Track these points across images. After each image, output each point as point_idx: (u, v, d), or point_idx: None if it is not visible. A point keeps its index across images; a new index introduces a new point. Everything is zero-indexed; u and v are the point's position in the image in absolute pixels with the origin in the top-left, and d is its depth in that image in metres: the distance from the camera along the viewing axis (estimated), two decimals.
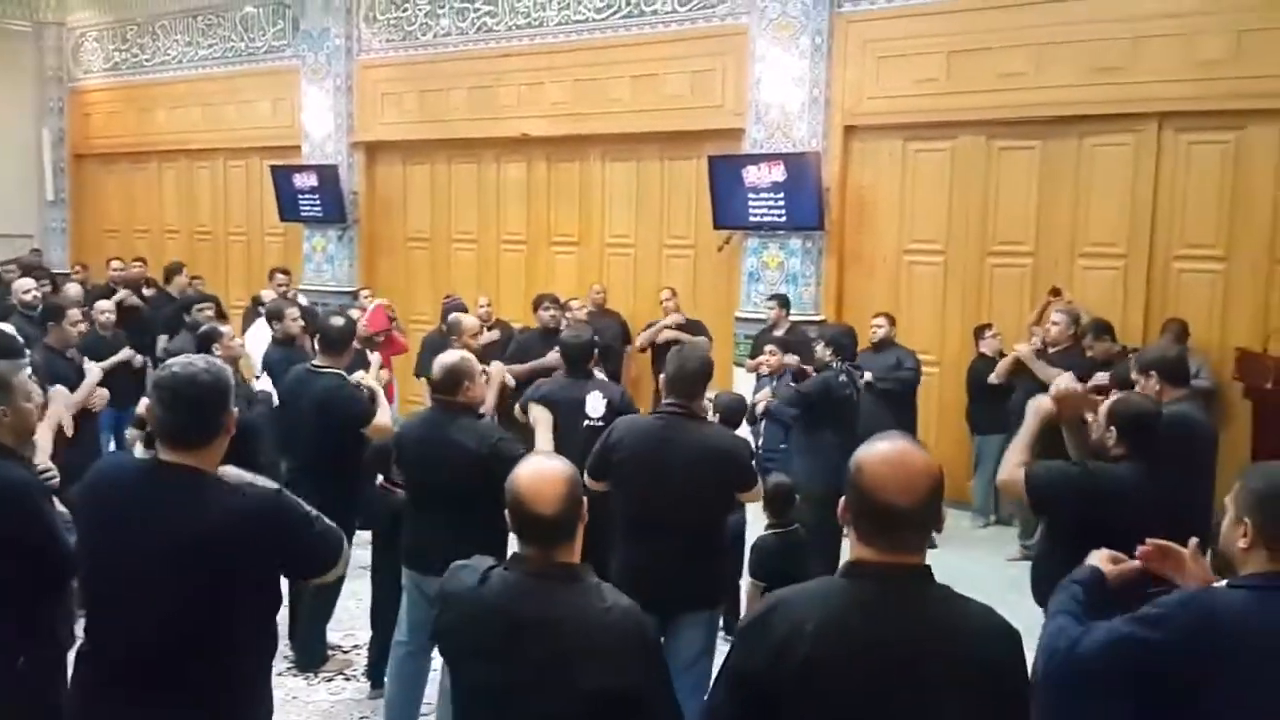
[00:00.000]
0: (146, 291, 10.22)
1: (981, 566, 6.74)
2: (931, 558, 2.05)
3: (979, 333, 7.76)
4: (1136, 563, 2.61)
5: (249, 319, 8.82)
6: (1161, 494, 3.47)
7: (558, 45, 9.92)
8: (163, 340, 8.19)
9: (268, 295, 9.22)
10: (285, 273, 10.19)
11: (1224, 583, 2.29)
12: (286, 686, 5.09)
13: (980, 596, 2.11)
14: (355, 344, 5.94)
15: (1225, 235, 7.27)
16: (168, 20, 13.10)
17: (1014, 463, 3.70)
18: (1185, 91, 7.19)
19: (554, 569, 2.30)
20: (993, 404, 7.43)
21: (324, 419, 5.00)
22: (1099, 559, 2.65)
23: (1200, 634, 2.18)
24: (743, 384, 8.07)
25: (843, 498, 2.06)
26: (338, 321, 5.34)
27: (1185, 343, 7.07)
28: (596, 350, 5.47)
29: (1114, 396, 3.91)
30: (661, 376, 4.14)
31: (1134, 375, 4.38)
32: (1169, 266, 7.49)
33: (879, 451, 2.02)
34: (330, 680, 5.20)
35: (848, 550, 2.09)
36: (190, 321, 7.52)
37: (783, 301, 8.16)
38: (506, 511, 2.33)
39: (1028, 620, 4.16)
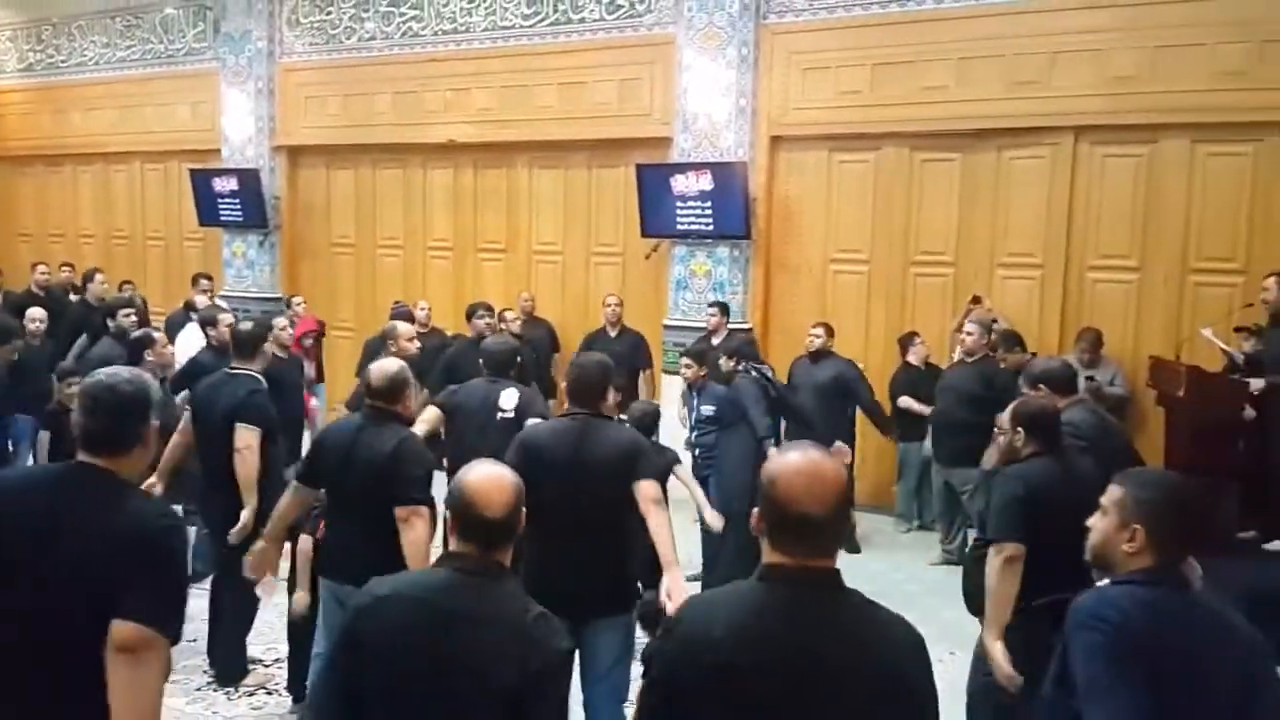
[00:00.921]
0: (72, 298, 10.02)
1: (903, 572, 6.84)
2: (855, 562, 2.10)
3: (906, 341, 7.87)
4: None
5: (177, 324, 8.62)
6: (1074, 483, 3.61)
7: (485, 51, 9.87)
8: (81, 342, 8.00)
9: (201, 301, 9.06)
10: (209, 278, 9.98)
11: (1106, 581, 2.39)
12: (206, 700, 5.02)
13: (901, 601, 2.13)
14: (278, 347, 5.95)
15: (1139, 246, 7.48)
16: (84, 21, 12.78)
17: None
18: (1100, 106, 7.38)
19: (489, 566, 2.36)
20: (916, 412, 7.58)
21: (231, 424, 4.96)
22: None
23: (1121, 623, 2.29)
24: (671, 391, 8.15)
25: (755, 509, 2.09)
26: (246, 325, 5.31)
27: (1100, 351, 7.28)
28: (519, 360, 5.55)
29: (1014, 402, 4.06)
30: (563, 385, 4.15)
31: (1024, 389, 4.58)
32: (1084, 276, 7.68)
33: (792, 464, 2.06)
34: (252, 694, 5.10)
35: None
36: (115, 327, 7.33)
37: (723, 309, 8.23)
38: (448, 513, 2.37)
39: (944, 627, 4.26)
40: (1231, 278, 7.19)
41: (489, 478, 2.40)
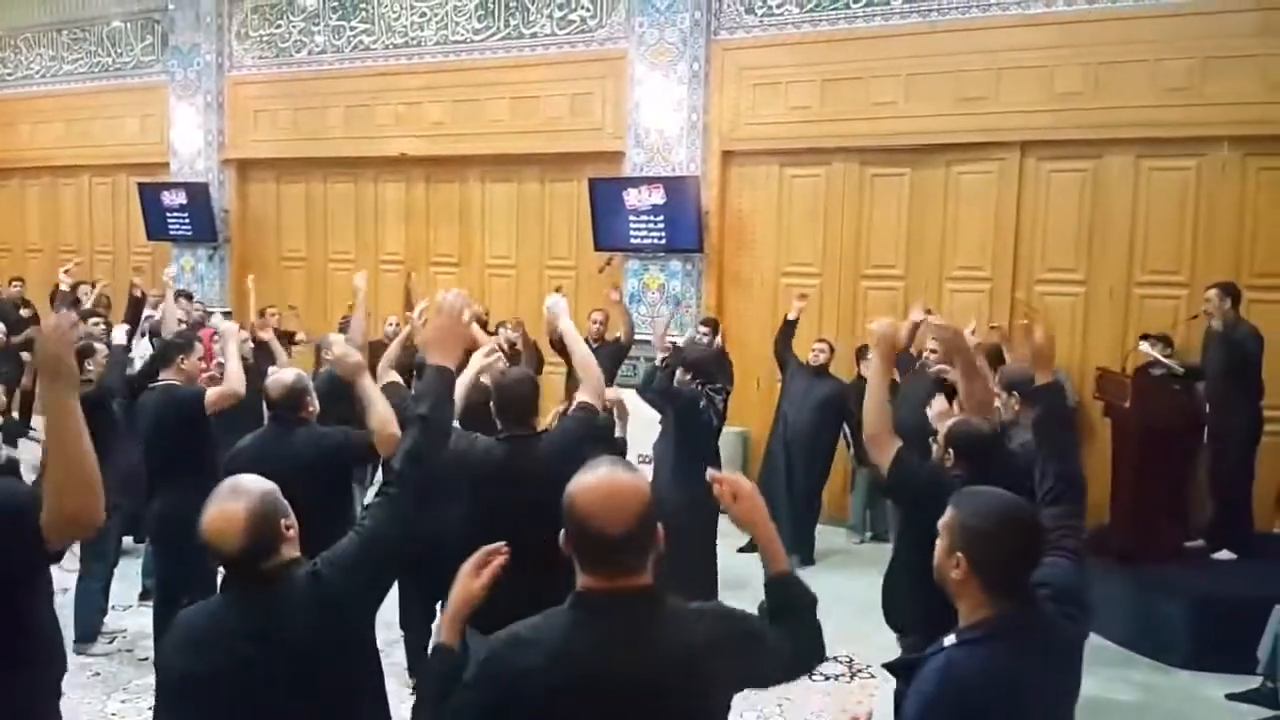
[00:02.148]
0: (24, 312, 9.92)
1: (855, 584, 6.82)
2: (809, 575, 2.04)
3: (861, 353, 7.89)
4: None
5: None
6: None
7: (436, 65, 9.85)
8: None
9: None
10: (189, 297, 9.82)
11: (952, 637, 2.24)
12: None
13: (853, 613, 2.10)
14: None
15: (1085, 259, 7.57)
16: (31, 33, 12.63)
17: (877, 418, 3.65)
18: (1045, 121, 7.48)
19: (263, 575, 2.32)
20: None
21: (163, 428, 4.93)
22: None
23: (956, 695, 2.15)
24: (631, 403, 8.09)
25: (562, 530, 2.04)
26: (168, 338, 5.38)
27: None
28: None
29: (951, 421, 4.03)
30: (491, 405, 3.96)
31: (996, 390, 4.59)
32: (1031, 289, 7.76)
33: (588, 481, 2.02)
34: None
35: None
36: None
37: (715, 327, 8.20)
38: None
39: (887, 641, 4.25)
40: (1176, 290, 7.30)
41: (217, 517, 2.30)
